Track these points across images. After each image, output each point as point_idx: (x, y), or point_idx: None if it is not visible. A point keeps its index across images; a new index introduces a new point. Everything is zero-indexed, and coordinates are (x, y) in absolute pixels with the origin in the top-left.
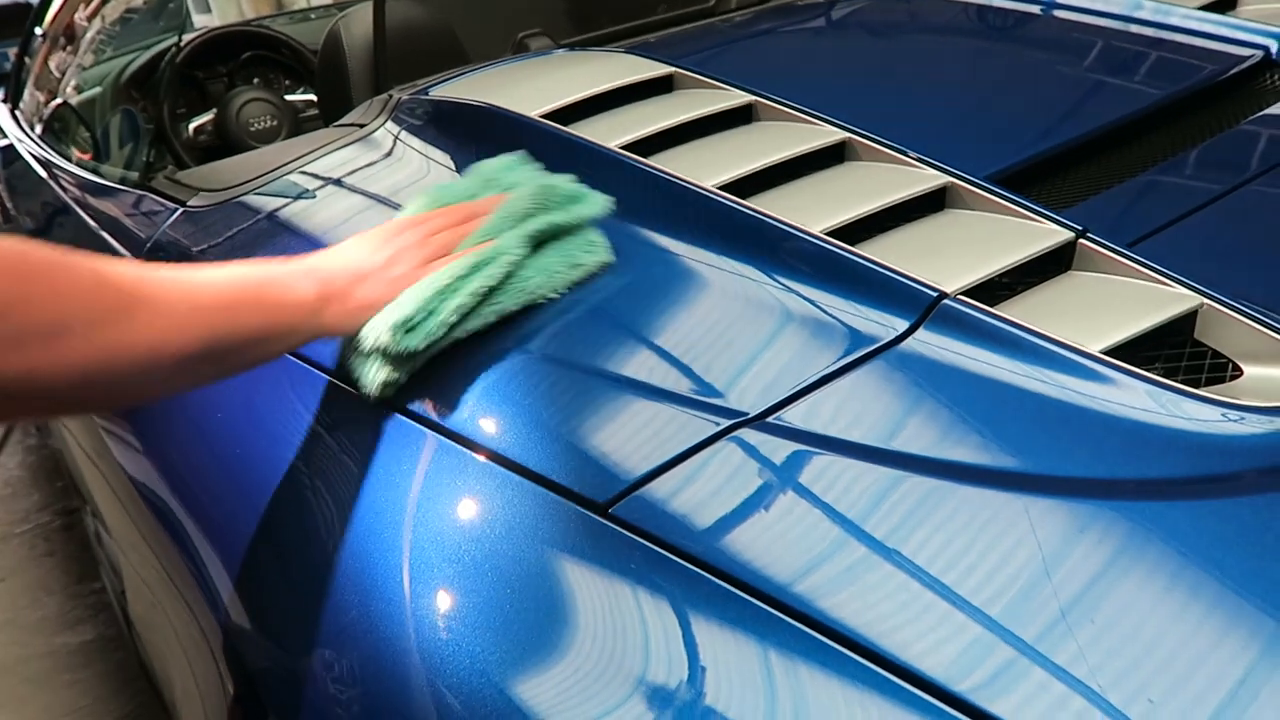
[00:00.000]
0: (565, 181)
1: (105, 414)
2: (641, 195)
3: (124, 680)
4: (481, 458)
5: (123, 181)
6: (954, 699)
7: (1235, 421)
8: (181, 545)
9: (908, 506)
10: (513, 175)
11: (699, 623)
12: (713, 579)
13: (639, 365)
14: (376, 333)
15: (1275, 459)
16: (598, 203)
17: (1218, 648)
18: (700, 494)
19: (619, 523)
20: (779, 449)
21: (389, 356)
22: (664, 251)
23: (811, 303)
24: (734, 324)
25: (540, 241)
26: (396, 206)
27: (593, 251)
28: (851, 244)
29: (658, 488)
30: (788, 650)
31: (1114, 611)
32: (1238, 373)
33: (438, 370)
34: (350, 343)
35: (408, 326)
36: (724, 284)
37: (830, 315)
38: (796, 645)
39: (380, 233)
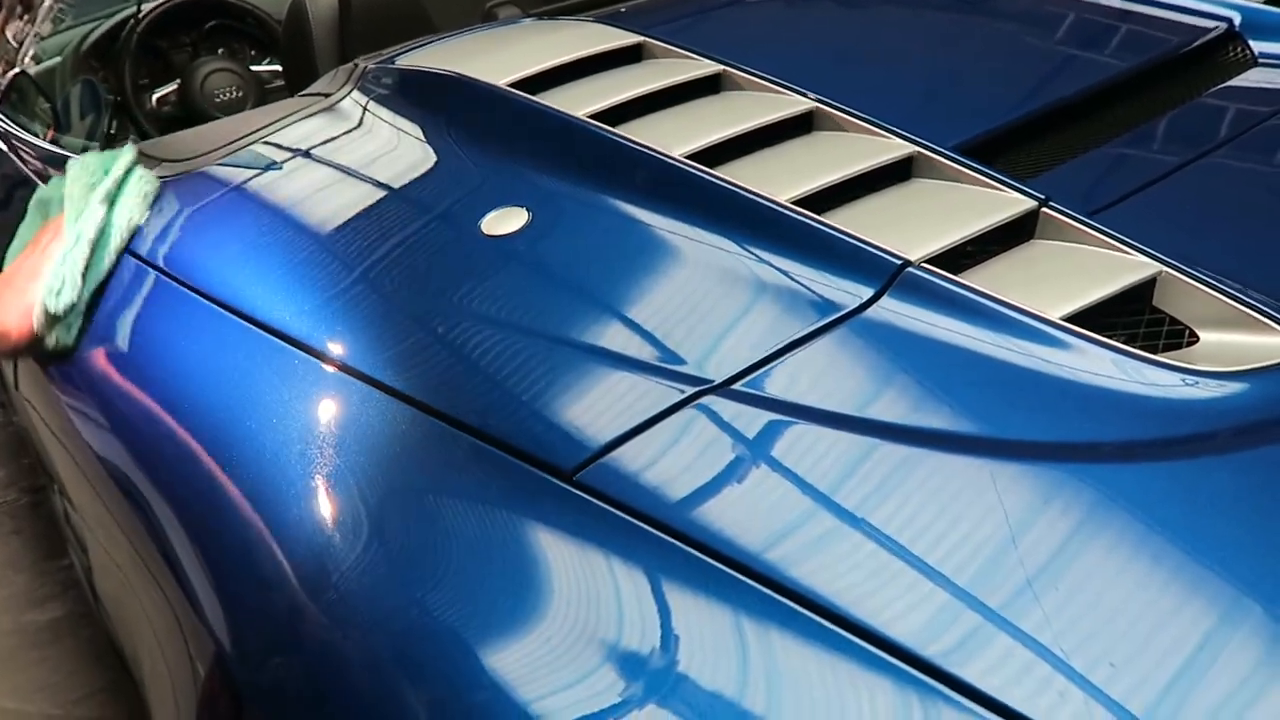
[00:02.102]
0: (93, 158)
1: (71, 391)
2: (609, 164)
3: (93, 656)
4: (448, 426)
5: (84, 153)
6: (921, 662)
7: (1191, 386)
8: (148, 523)
9: (872, 472)
10: (60, 189)
11: (667, 588)
12: (680, 545)
13: (604, 333)
14: (39, 308)
15: (1230, 422)
16: (128, 152)
17: (1177, 609)
18: (666, 460)
19: (585, 489)
20: (744, 415)
21: (57, 317)
22: (630, 220)
23: (776, 270)
24: (699, 292)
25: (110, 200)
26: (360, 176)
27: (146, 179)
28: (818, 213)
29: (624, 454)
30: (755, 614)
31: (1077, 574)
32: (1194, 339)
33: (405, 340)
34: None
35: (55, 290)
36: (689, 252)
37: (795, 283)
38: (762, 609)
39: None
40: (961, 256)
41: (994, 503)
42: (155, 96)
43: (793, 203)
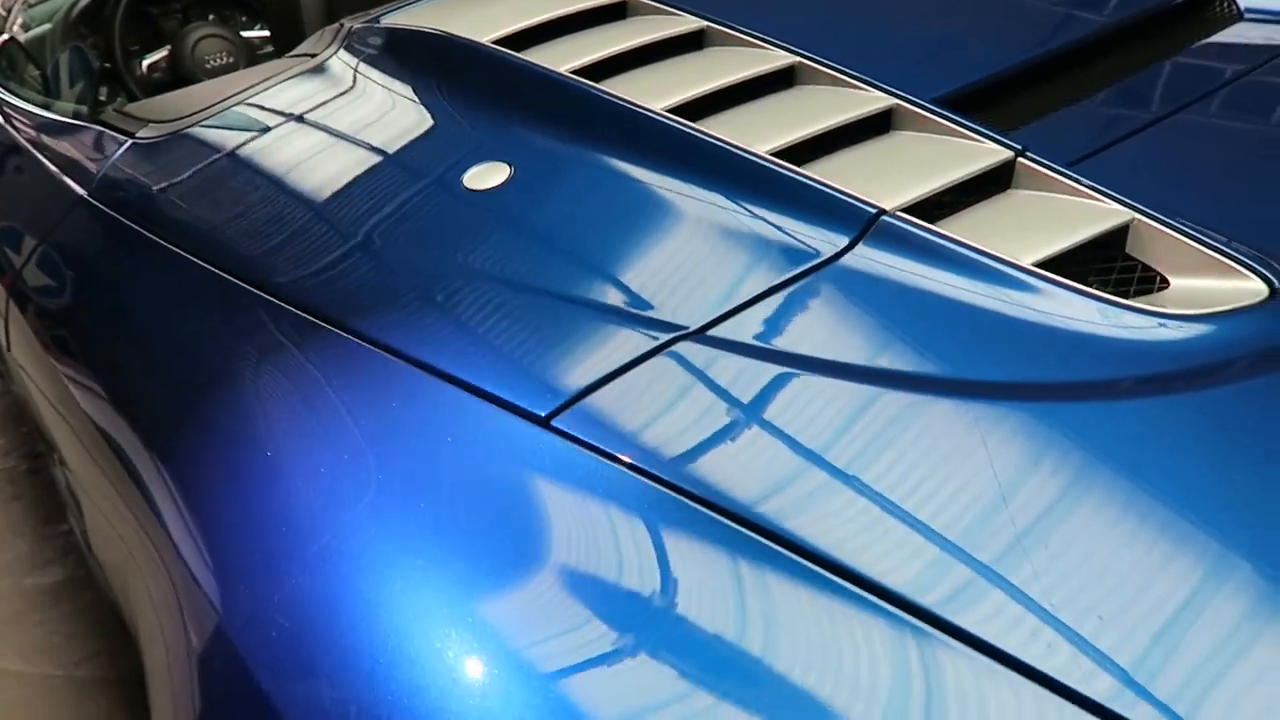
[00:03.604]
0: None
1: (60, 354)
2: (591, 119)
3: (94, 620)
4: (423, 373)
5: (74, 118)
6: (891, 595)
7: (1160, 328)
8: (144, 489)
9: (848, 416)
10: None
11: (644, 530)
12: (657, 487)
13: (581, 283)
14: None
15: (1198, 361)
16: None
17: (1154, 546)
18: (641, 405)
19: (561, 434)
20: (720, 361)
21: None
22: (611, 173)
23: (754, 220)
24: (676, 241)
25: None
26: (345, 133)
27: None
28: (796, 164)
29: (599, 399)
30: (732, 553)
31: (1057, 512)
32: (1165, 284)
33: (384, 292)
34: None
35: None
36: (668, 203)
37: (772, 232)
38: (736, 546)
39: None
40: (938, 206)
41: (971, 443)
42: (145, 63)
43: (772, 154)
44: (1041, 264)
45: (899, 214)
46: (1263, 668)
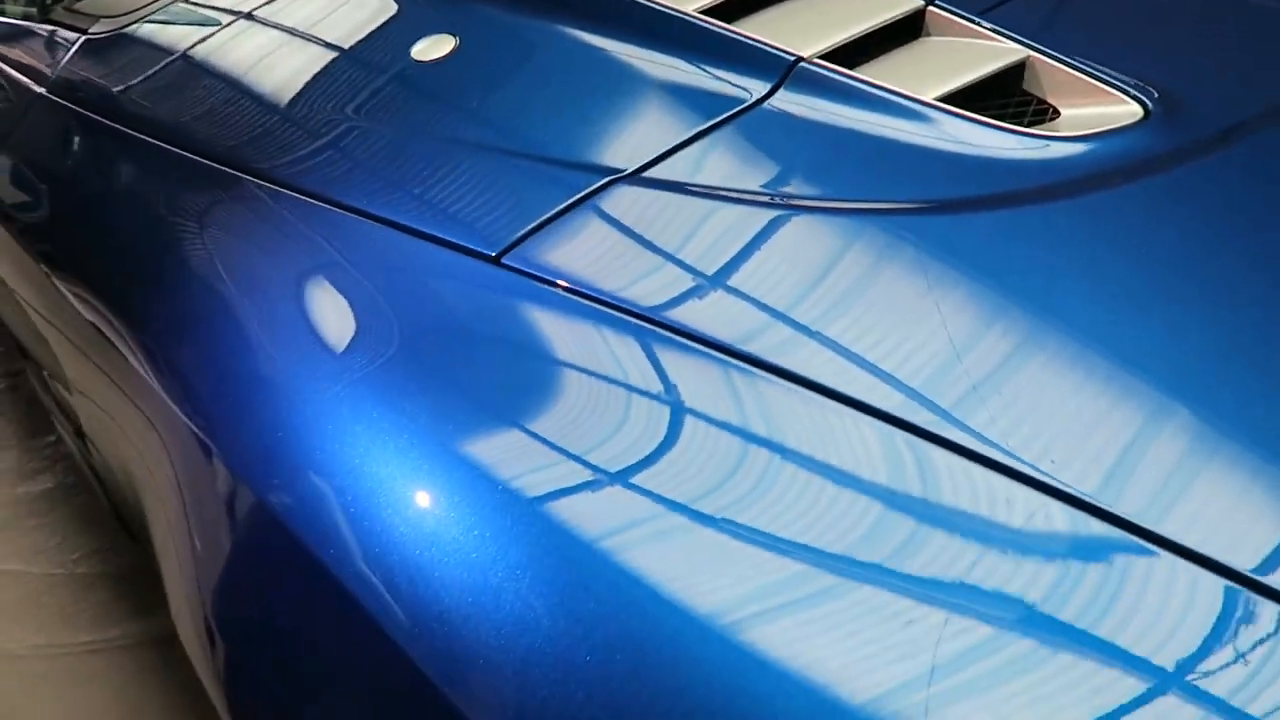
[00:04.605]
0: None
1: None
2: None
3: (88, 521)
4: (382, 226)
5: (24, 20)
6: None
7: (1047, 148)
8: (139, 368)
9: (770, 240)
10: None
11: (602, 354)
12: (604, 310)
13: (521, 135)
14: None
15: (1082, 173)
16: None
17: (1059, 339)
18: (584, 240)
19: (512, 270)
20: (655, 199)
21: None
22: (548, 35)
23: (683, 72)
24: (609, 94)
25: None
26: (294, 32)
27: None
28: (725, 21)
29: (544, 238)
30: (676, 361)
31: (974, 312)
32: (1056, 115)
33: (340, 156)
34: None
35: None
36: (602, 60)
37: (701, 81)
38: (681, 355)
39: None
40: (856, 54)
41: (890, 259)
42: None
43: (700, 12)
44: (944, 98)
45: (816, 61)
46: (1154, 450)
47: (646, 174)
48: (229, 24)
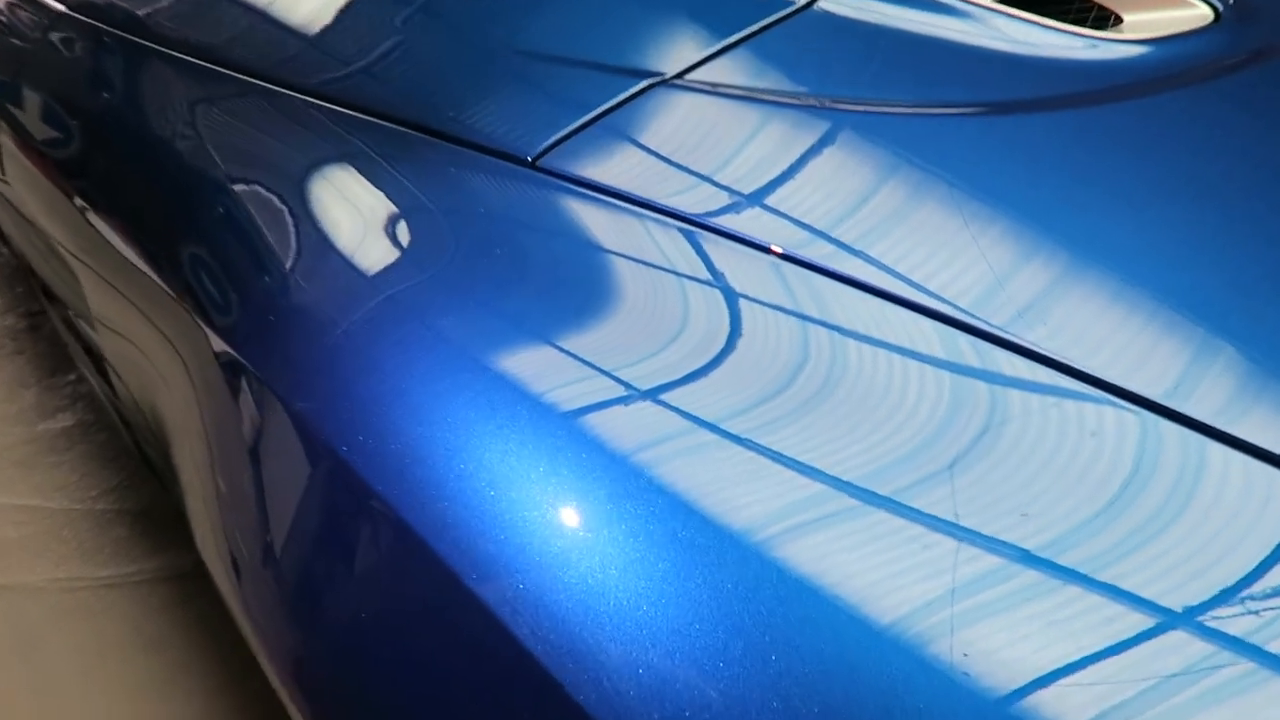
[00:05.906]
0: None
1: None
2: None
3: (108, 458)
4: (409, 130)
5: None
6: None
7: (1114, 48)
8: (164, 288)
9: (820, 141)
10: None
11: (641, 253)
12: (648, 214)
13: (558, 39)
14: None
15: (1151, 74)
16: None
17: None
18: (621, 143)
19: (547, 172)
20: (698, 103)
21: None
22: None
23: None
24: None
25: None
26: None
27: None
28: None
29: (581, 141)
30: (717, 258)
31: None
32: (1119, 20)
33: (365, 61)
34: None
35: None
36: None
37: None
38: (720, 252)
39: None
40: None
41: (952, 155)
42: None
43: None
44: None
45: None
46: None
47: (689, 78)
48: None
